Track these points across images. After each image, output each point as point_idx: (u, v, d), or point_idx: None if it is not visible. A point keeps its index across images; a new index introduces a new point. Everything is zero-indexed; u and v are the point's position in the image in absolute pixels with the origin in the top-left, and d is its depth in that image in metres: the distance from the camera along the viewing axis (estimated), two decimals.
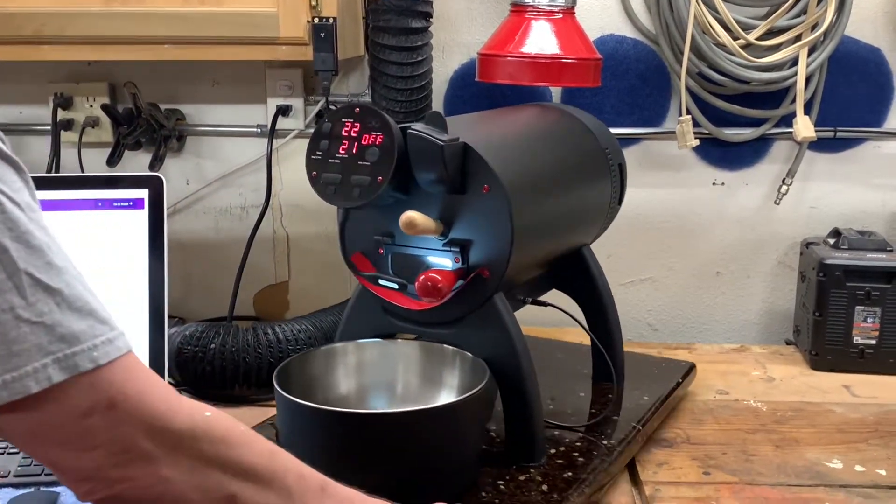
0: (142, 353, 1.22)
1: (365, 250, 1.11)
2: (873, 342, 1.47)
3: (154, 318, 1.23)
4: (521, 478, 1.03)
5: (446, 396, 1.08)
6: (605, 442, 1.12)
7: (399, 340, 1.13)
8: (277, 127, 1.60)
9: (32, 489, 1.04)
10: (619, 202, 1.32)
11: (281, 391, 0.96)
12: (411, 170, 1.00)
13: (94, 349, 0.59)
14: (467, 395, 0.97)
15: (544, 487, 1.01)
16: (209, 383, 1.36)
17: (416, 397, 1.10)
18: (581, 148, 1.25)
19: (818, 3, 1.50)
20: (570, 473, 1.04)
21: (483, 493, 0.99)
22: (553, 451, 1.09)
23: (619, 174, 1.29)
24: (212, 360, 1.35)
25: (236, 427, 0.68)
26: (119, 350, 0.61)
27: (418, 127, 0.98)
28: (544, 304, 1.19)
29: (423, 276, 0.99)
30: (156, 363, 1.22)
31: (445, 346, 1.08)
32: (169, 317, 1.27)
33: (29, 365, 0.56)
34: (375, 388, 1.11)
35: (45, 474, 1.07)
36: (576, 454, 1.09)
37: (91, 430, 0.59)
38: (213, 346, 1.35)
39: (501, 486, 1.01)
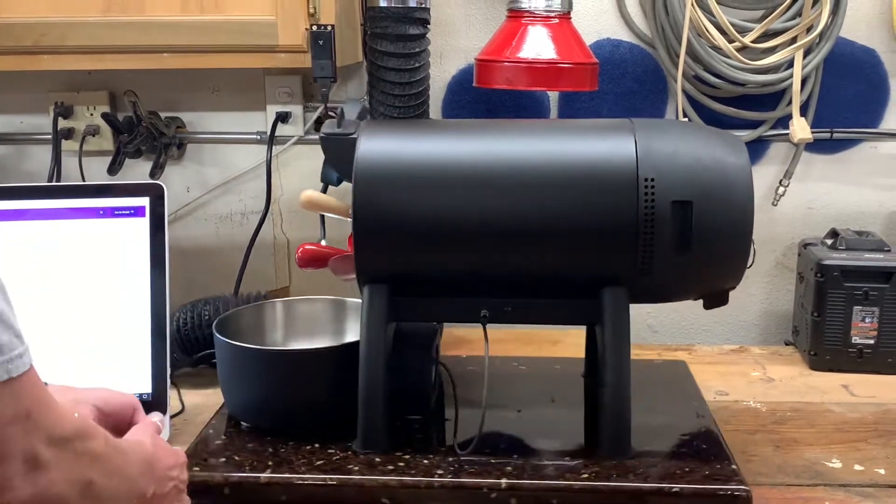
0: (144, 359, 1.23)
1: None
2: (872, 342, 1.48)
3: (156, 325, 1.23)
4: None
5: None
6: None
7: (316, 298, 1.38)
8: (277, 134, 1.61)
9: None
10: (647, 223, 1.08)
11: (220, 336, 1.21)
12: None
13: (11, 361, 0.64)
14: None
15: None
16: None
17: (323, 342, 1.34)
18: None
19: (813, 6, 1.51)
20: None
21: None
22: None
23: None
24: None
25: (87, 419, 0.80)
26: (26, 364, 0.66)
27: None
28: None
29: (300, 249, 1.23)
30: (158, 370, 1.23)
31: (350, 300, 1.34)
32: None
33: None
34: (297, 336, 1.36)
35: None
36: None
37: (10, 438, 0.65)
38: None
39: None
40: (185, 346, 1.42)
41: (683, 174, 1.08)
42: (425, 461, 1.10)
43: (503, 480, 1.05)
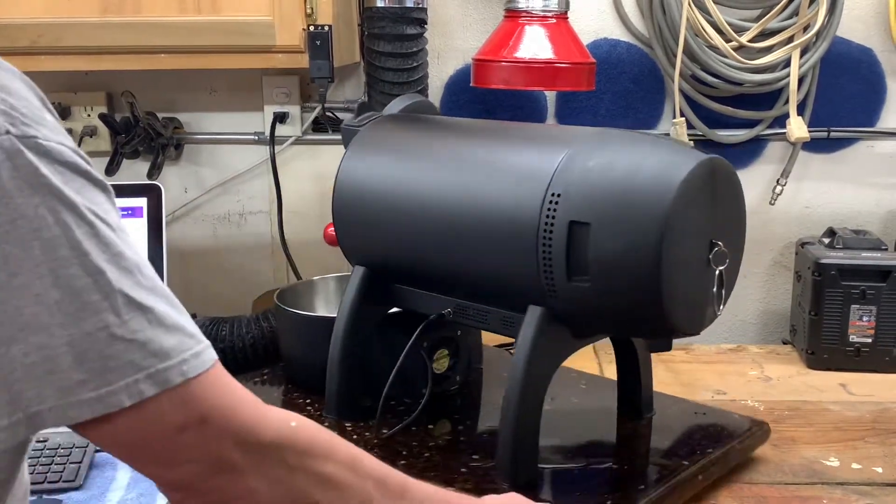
0: None
1: None
2: (869, 340, 1.48)
3: None
4: None
5: None
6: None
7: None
8: (275, 134, 1.61)
9: (35, 497, 1.05)
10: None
11: (281, 305, 1.33)
12: None
13: (184, 363, 0.60)
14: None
15: None
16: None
17: None
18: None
19: (810, 5, 1.51)
20: None
21: None
22: None
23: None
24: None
25: (320, 435, 0.69)
26: (205, 363, 0.62)
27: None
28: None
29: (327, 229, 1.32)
30: None
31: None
32: None
33: (122, 380, 0.58)
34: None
35: (48, 482, 1.08)
36: None
37: (185, 446, 0.61)
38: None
39: None
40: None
41: (591, 193, 0.95)
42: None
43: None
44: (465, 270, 1.09)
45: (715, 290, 0.99)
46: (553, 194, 0.97)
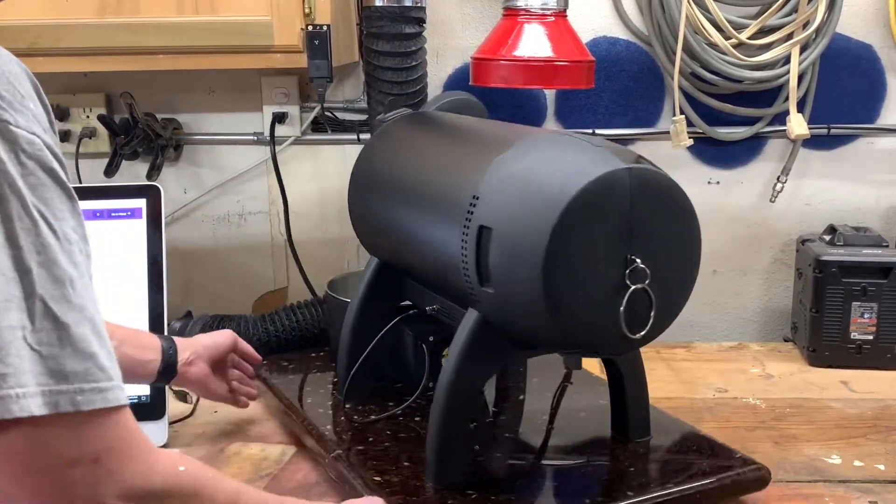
0: None
1: None
2: (870, 337, 1.48)
3: (153, 327, 1.23)
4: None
5: None
6: None
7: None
8: (274, 134, 1.61)
9: None
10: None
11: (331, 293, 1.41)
12: None
13: (80, 393, 0.57)
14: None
15: None
16: None
17: None
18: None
19: (809, 2, 1.51)
20: None
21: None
22: None
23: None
24: None
25: (205, 475, 0.70)
26: (108, 401, 0.59)
27: None
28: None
29: None
30: None
31: None
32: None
33: (15, 389, 0.55)
34: None
35: None
36: None
37: (72, 483, 0.59)
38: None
39: None
40: None
41: (498, 198, 0.93)
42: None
43: None
44: (434, 272, 1.10)
45: (623, 309, 0.90)
46: (474, 197, 0.96)
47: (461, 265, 0.96)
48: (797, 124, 1.56)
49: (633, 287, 0.90)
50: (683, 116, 1.57)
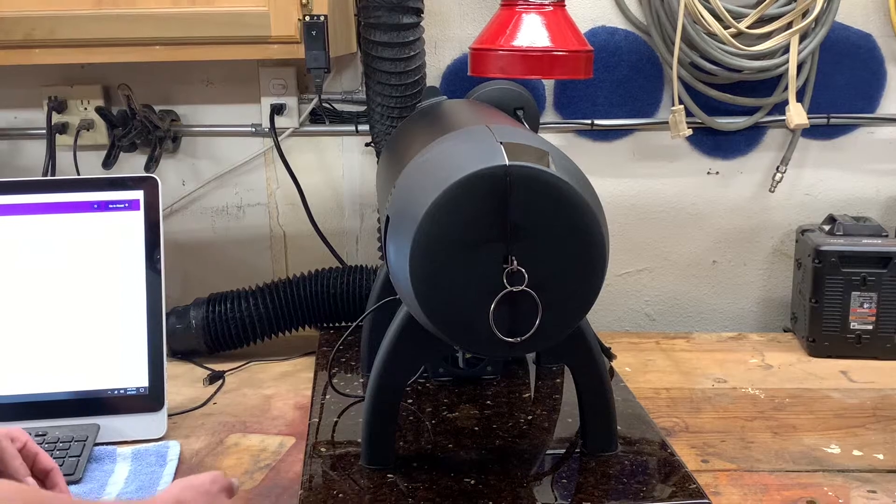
0: (140, 356, 1.23)
1: None
2: (870, 327, 1.48)
3: (151, 319, 1.23)
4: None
5: None
6: None
7: None
8: (274, 125, 1.61)
9: None
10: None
11: None
12: None
13: None
14: None
15: None
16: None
17: None
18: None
19: None
20: None
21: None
22: None
23: None
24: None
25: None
26: None
27: None
28: None
29: None
30: (154, 363, 1.23)
31: None
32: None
33: None
34: None
35: None
36: None
37: None
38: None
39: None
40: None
41: (404, 187, 0.93)
42: None
43: None
44: None
45: (493, 309, 0.87)
46: (393, 186, 0.96)
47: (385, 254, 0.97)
48: (797, 114, 1.56)
49: (510, 289, 0.87)
50: (682, 106, 1.56)
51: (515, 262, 0.87)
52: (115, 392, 1.22)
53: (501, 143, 0.88)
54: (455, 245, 0.86)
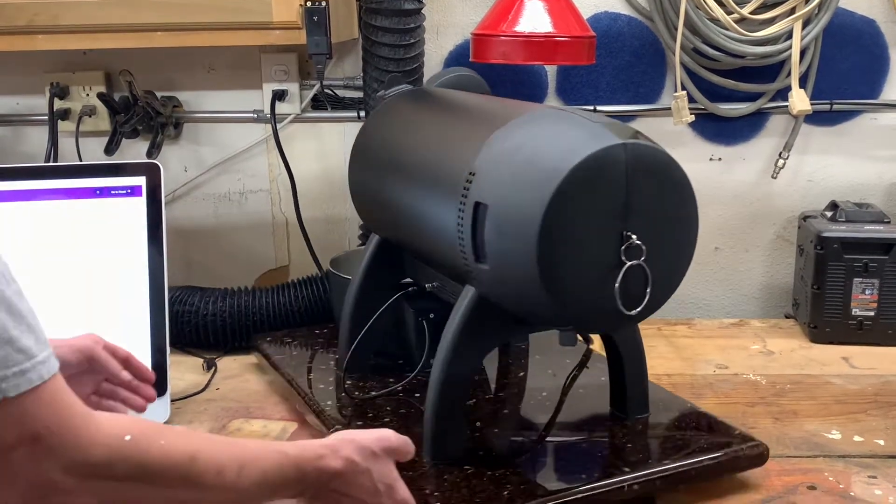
0: (143, 342, 1.23)
1: None
2: (872, 314, 1.48)
3: (154, 305, 1.23)
4: None
5: None
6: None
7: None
8: (275, 111, 1.60)
9: None
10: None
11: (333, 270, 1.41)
12: None
13: (4, 380, 0.59)
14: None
15: None
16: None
17: None
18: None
19: None
20: None
21: None
22: None
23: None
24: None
25: (157, 441, 0.68)
26: (32, 382, 0.60)
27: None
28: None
29: None
30: (157, 351, 1.23)
31: None
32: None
33: None
34: None
35: None
36: None
37: (14, 464, 0.60)
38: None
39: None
40: None
41: (495, 174, 0.92)
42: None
43: None
44: (432, 248, 1.10)
45: (618, 285, 0.90)
46: (470, 173, 0.95)
47: (458, 242, 0.96)
48: (799, 100, 1.55)
49: (629, 263, 0.89)
50: (685, 92, 1.56)
51: (634, 237, 0.89)
52: None
53: (601, 123, 0.91)
54: (580, 225, 0.87)
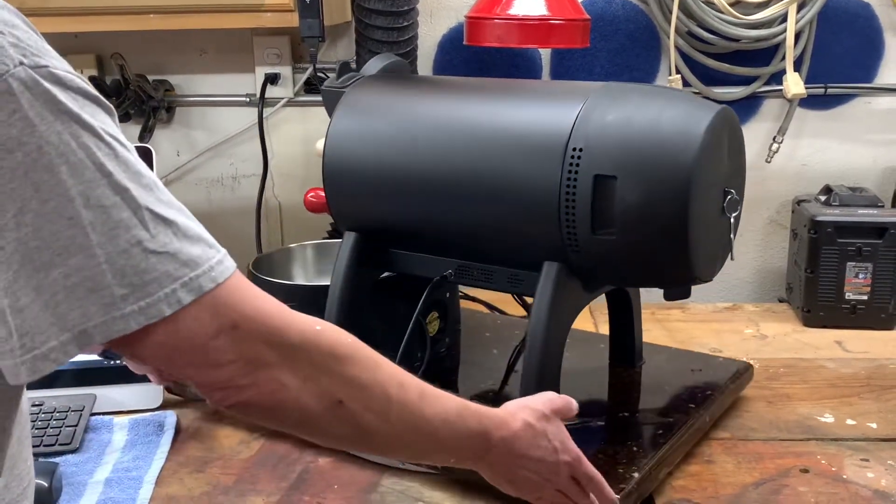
0: None
1: None
2: (865, 298, 1.48)
3: None
4: None
5: None
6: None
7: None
8: (267, 95, 1.60)
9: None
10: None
11: (256, 273, 1.33)
12: None
13: (212, 270, 0.63)
14: None
15: None
16: None
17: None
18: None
19: None
20: None
21: None
22: None
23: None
24: None
25: (343, 339, 0.73)
26: (228, 270, 0.65)
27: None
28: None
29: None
30: None
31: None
32: None
33: (161, 291, 0.60)
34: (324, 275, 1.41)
35: (45, 445, 1.08)
36: None
37: (220, 349, 0.64)
38: None
39: None
40: None
41: (615, 146, 0.96)
42: None
43: None
44: (474, 231, 1.09)
45: (731, 238, 1.03)
46: (574, 149, 0.98)
47: (563, 216, 0.99)
48: (794, 84, 1.55)
49: (732, 215, 1.02)
50: (679, 76, 1.55)
51: (734, 192, 1.01)
52: (112, 362, 1.22)
53: (682, 93, 1.03)
54: (706, 185, 0.97)
